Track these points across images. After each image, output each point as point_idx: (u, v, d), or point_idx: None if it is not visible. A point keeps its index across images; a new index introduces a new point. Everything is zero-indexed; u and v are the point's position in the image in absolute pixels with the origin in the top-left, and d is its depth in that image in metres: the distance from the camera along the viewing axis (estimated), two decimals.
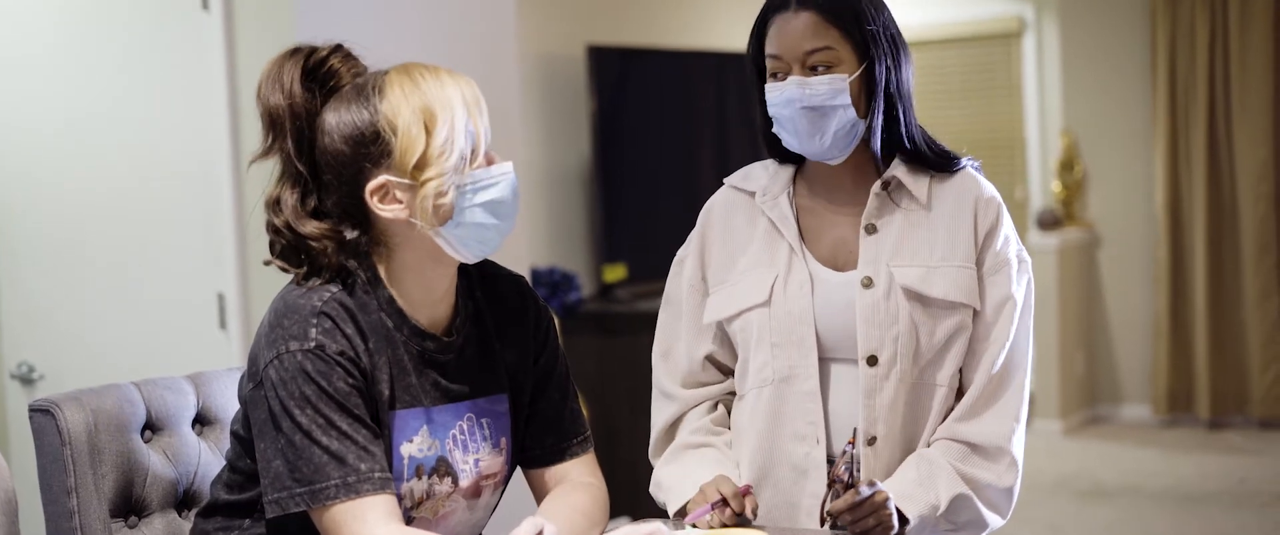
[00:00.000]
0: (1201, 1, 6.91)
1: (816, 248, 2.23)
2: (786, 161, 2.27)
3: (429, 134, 1.83)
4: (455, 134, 1.85)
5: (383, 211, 1.85)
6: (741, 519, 2.06)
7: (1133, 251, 7.31)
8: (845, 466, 2.14)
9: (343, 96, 1.87)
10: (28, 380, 3.68)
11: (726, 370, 2.30)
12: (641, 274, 5.53)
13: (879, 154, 2.20)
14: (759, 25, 2.20)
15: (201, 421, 2.22)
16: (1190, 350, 7.08)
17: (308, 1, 3.43)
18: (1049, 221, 7.20)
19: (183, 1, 3.47)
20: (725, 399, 2.31)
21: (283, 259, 1.90)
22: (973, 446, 2.15)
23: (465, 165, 1.86)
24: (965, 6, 7.67)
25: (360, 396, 1.84)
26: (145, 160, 3.56)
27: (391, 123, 1.83)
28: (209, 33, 3.45)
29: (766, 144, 2.26)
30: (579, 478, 2.07)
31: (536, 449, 2.07)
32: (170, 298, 3.55)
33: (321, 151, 1.86)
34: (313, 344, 1.81)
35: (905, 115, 2.20)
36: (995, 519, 2.19)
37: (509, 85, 4.07)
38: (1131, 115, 7.26)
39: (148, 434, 2.14)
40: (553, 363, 2.07)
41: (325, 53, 1.90)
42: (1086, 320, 7.38)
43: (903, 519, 2.07)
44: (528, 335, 2.05)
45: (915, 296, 2.15)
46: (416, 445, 1.90)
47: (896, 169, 2.20)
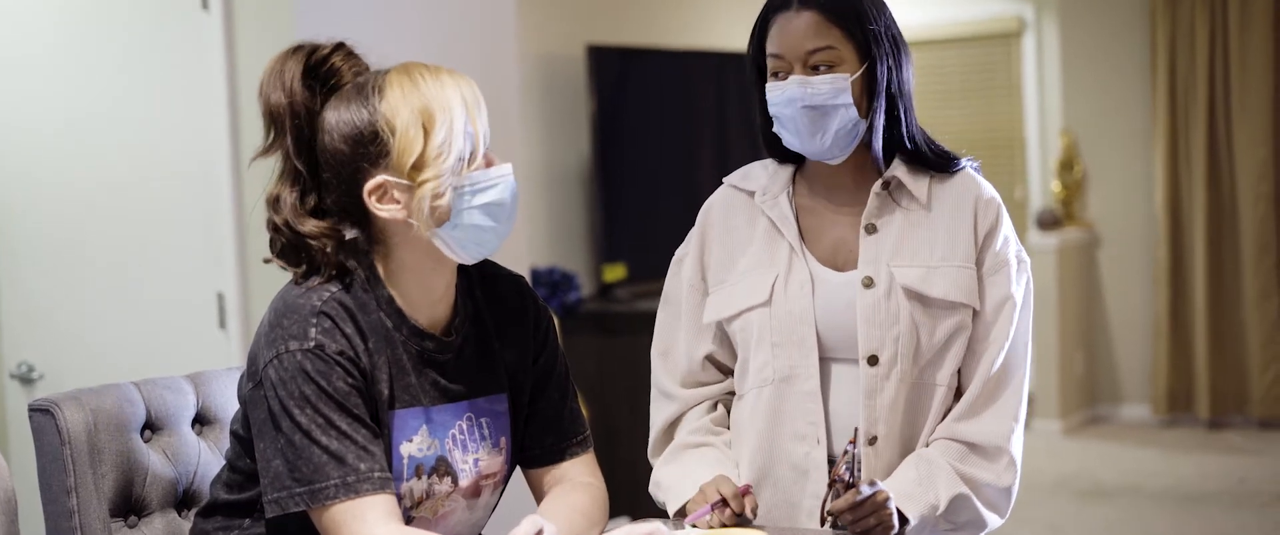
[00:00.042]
0: (1201, 1, 6.91)
1: (816, 247, 2.22)
2: (786, 161, 2.27)
3: (427, 135, 1.83)
4: (454, 136, 1.84)
5: (380, 211, 1.85)
6: (741, 519, 2.06)
7: (1133, 251, 7.31)
8: (846, 466, 2.14)
9: (343, 95, 1.86)
10: (28, 380, 3.68)
11: (726, 370, 2.30)
12: (641, 274, 5.53)
13: (881, 154, 2.20)
14: (760, 24, 2.20)
15: (201, 421, 2.21)
16: (1190, 350, 7.08)
17: (307, 1, 3.43)
18: (1049, 221, 7.19)
19: (183, 1, 3.48)
20: (724, 399, 2.31)
21: (282, 257, 1.89)
22: (971, 446, 2.15)
23: (464, 167, 1.85)
24: (965, 6, 7.67)
25: (360, 396, 1.83)
26: (145, 160, 3.56)
27: (390, 123, 1.82)
28: (209, 33, 3.45)
29: (766, 143, 2.26)
30: (578, 477, 2.07)
31: (536, 449, 2.06)
32: (170, 297, 3.55)
33: (321, 150, 1.86)
34: (312, 344, 1.81)
35: (906, 115, 2.20)
36: (994, 519, 2.19)
37: (509, 85, 4.07)
38: (1131, 115, 7.25)
39: (147, 434, 2.14)
40: (552, 362, 2.07)
41: (327, 50, 1.90)
42: (1086, 320, 7.38)
43: (903, 519, 2.07)
44: (527, 335, 2.04)
45: (916, 296, 2.15)
46: (416, 445, 1.90)
47: (897, 169, 2.20)
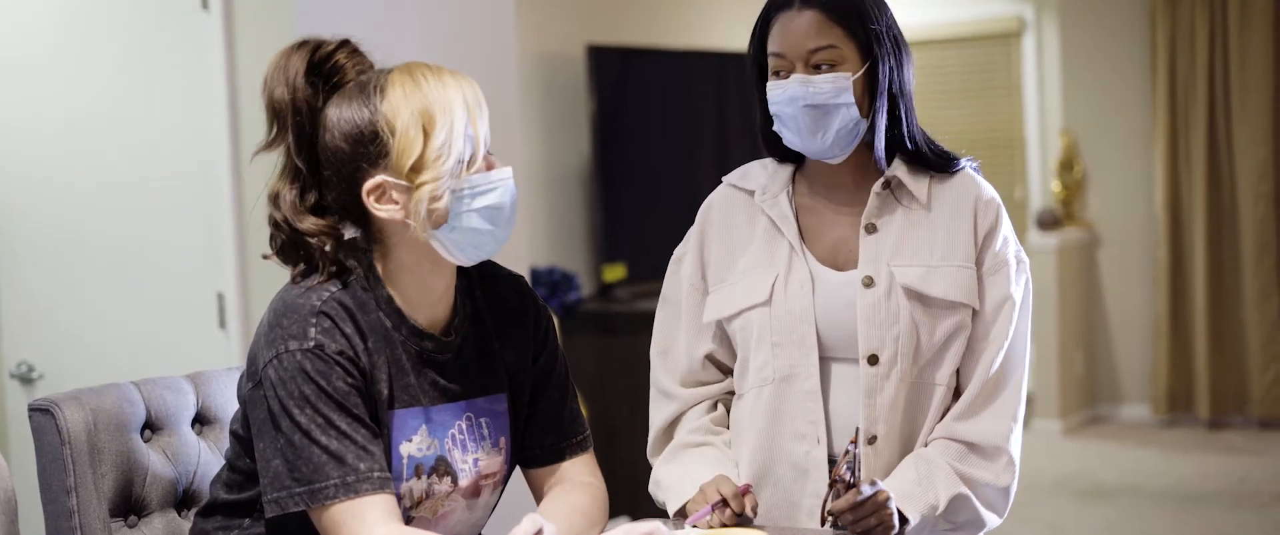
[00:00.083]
0: (1201, 1, 6.91)
1: (816, 247, 2.22)
2: (786, 160, 2.27)
3: (427, 137, 1.82)
4: (454, 138, 1.84)
5: (379, 211, 1.85)
6: (741, 518, 2.06)
7: (1133, 251, 7.31)
8: (848, 466, 2.13)
9: (345, 93, 1.86)
10: (28, 380, 3.68)
11: (726, 369, 2.30)
12: (641, 274, 5.53)
13: (882, 154, 2.20)
14: (761, 24, 2.20)
15: (201, 421, 2.21)
16: (1190, 350, 7.08)
17: (307, 1, 3.43)
18: (1049, 221, 7.19)
19: (183, 1, 3.48)
20: (724, 398, 2.31)
21: (281, 255, 1.89)
22: (970, 446, 2.16)
23: (463, 169, 1.85)
24: (965, 6, 7.67)
25: (359, 396, 1.83)
26: (145, 160, 3.56)
27: (390, 123, 1.82)
28: (209, 32, 3.45)
29: (766, 143, 2.26)
30: (578, 477, 2.07)
31: (536, 448, 2.06)
32: (170, 297, 3.55)
33: (323, 147, 1.86)
34: (312, 343, 1.81)
35: (907, 115, 2.20)
36: (993, 518, 2.19)
37: (509, 85, 4.07)
38: (1131, 115, 7.25)
39: (147, 433, 2.13)
40: (552, 362, 2.07)
41: (332, 47, 1.89)
42: (1086, 320, 7.37)
43: (903, 519, 2.07)
44: (527, 335, 2.04)
45: (916, 296, 2.15)
46: (415, 445, 1.90)
47: (897, 169, 2.20)
